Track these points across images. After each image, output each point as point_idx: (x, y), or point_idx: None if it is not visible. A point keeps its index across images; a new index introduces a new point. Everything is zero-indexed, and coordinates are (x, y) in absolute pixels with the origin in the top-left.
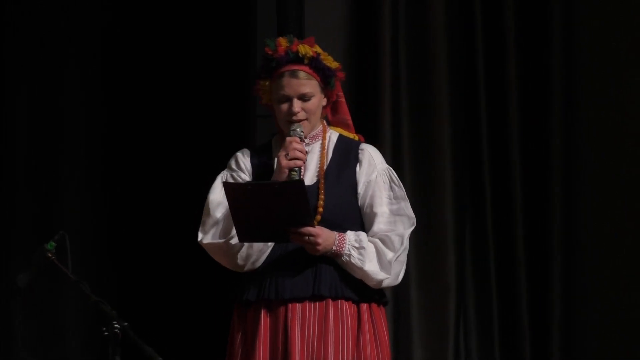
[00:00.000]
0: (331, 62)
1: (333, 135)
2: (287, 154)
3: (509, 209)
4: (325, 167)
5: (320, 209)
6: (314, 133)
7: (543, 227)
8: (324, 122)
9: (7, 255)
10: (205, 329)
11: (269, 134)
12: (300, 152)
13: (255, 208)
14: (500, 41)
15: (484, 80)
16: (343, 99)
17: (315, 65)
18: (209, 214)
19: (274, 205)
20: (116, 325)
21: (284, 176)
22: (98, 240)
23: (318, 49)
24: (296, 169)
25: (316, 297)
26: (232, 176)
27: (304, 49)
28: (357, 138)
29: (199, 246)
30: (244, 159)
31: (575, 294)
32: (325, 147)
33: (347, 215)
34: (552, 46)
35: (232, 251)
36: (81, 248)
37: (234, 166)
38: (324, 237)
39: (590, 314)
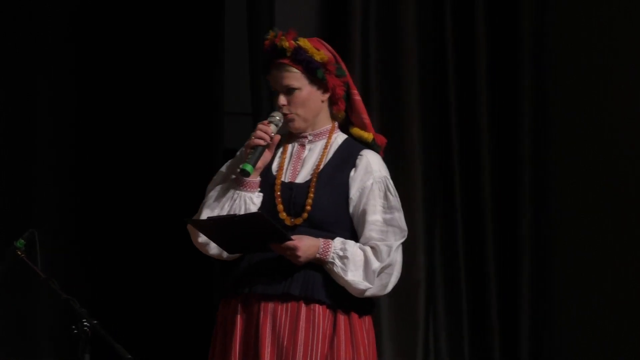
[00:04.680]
0: (316, 54)
1: (340, 137)
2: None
3: (479, 206)
4: (321, 168)
5: (308, 207)
6: (318, 131)
7: (513, 224)
8: (335, 123)
9: None
10: (177, 326)
11: (237, 131)
12: (265, 133)
13: (227, 234)
14: (470, 42)
15: (454, 77)
16: (357, 97)
17: (296, 58)
18: (203, 205)
19: (244, 231)
20: (86, 323)
21: (245, 155)
22: (68, 238)
23: (304, 43)
24: (255, 148)
25: (287, 297)
26: None
27: (282, 42)
28: (371, 137)
29: (169, 242)
30: None
31: (545, 291)
32: (327, 148)
33: (335, 218)
34: (522, 47)
35: (193, 233)
36: (51, 246)
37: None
38: (304, 248)
39: (560, 311)
